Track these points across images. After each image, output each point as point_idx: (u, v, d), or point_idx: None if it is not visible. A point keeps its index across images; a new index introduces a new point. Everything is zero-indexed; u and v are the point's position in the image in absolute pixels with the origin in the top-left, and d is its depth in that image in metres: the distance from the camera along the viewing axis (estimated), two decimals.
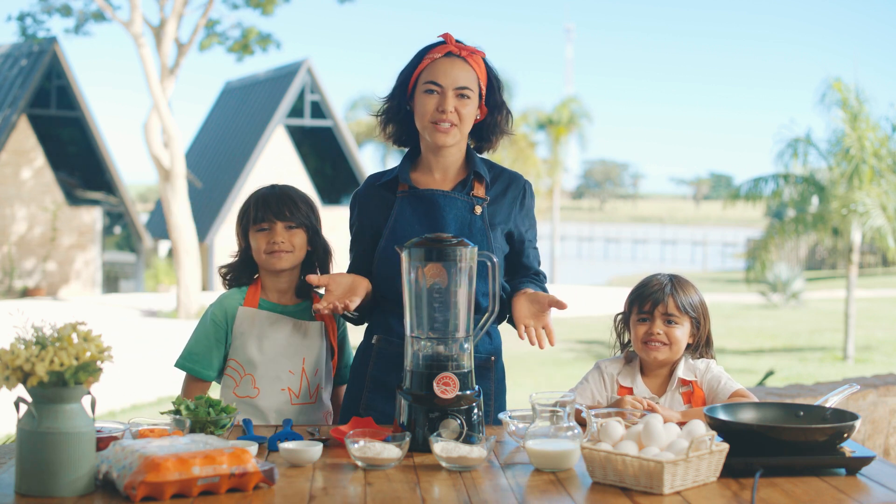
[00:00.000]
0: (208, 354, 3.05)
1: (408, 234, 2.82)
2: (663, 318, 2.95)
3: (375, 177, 3.07)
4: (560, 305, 2.80)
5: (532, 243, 3.08)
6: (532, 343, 2.83)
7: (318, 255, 3.10)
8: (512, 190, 3.03)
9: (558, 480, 2.32)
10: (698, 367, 2.98)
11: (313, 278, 2.87)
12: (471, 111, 2.91)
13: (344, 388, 3.16)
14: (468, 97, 2.90)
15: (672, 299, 2.96)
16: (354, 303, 2.85)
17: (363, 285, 2.92)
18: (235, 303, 3.07)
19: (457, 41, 2.94)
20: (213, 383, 3.12)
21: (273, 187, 3.10)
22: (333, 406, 3.17)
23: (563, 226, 60.69)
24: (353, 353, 3.12)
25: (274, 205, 3.03)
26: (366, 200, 3.04)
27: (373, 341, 2.99)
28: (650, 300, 2.97)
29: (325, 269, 3.13)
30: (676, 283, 3.00)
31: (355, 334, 3.12)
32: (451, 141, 2.92)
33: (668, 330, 2.95)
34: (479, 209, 2.96)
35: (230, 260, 3.17)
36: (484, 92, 2.96)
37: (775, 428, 2.40)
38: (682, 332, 2.96)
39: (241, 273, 3.12)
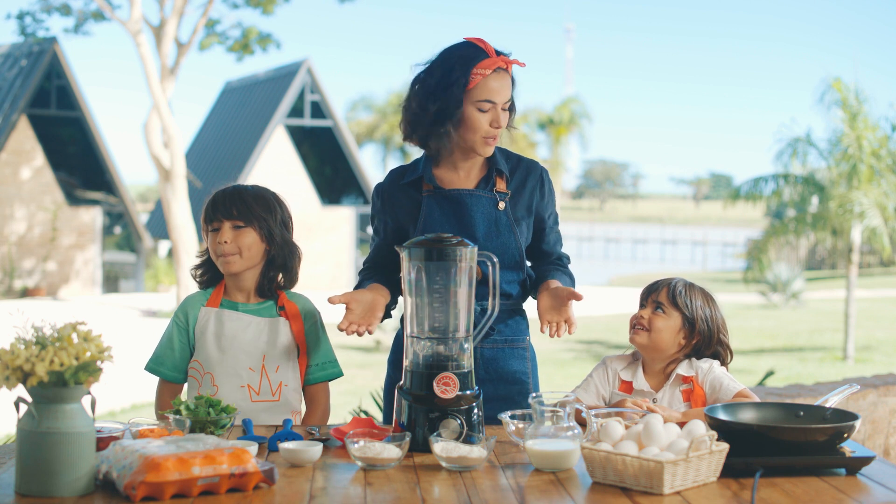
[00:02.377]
0: (173, 356, 3.05)
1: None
2: (653, 305, 3.00)
3: (398, 172, 3.09)
4: (576, 297, 2.88)
5: (554, 228, 3.16)
6: (551, 336, 2.93)
7: (279, 256, 3.02)
8: (531, 180, 3.08)
9: (558, 480, 2.32)
10: (701, 366, 2.98)
11: (334, 298, 2.82)
12: (507, 121, 3.00)
13: (324, 386, 3.10)
14: (507, 110, 2.98)
15: (667, 290, 2.99)
16: (374, 326, 2.85)
17: (382, 302, 2.93)
18: (198, 304, 3.06)
19: (497, 52, 2.93)
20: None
21: (231, 186, 3.06)
22: (312, 403, 3.11)
23: (563, 226, 60.53)
24: (330, 349, 3.10)
25: (222, 204, 2.99)
26: (392, 196, 3.06)
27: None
28: (650, 289, 3.04)
29: (290, 271, 3.06)
30: (684, 283, 3.02)
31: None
32: (492, 150, 2.99)
33: (653, 317, 2.97)
34: (502, 204, 3.00)
35: (197, 260, 3.13)
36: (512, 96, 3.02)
37: (775, 428, 2.40)
38: (666, 324, 2.96)
39: (210, 273, 3.10)
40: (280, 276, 3.06)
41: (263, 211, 3.00)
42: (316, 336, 3.07)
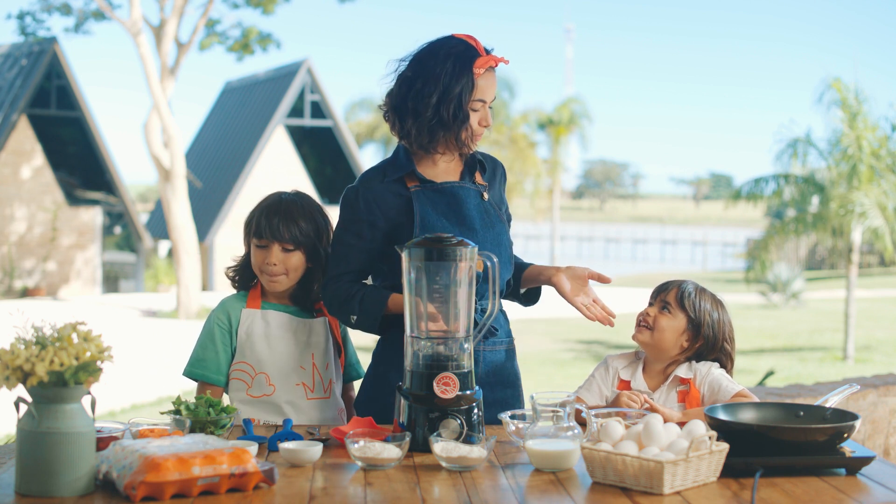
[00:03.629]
0: (216, 359, 3.03)
1: (437, 229, 2.87)
2: (660, 304, 3.00)
3: (378, 171, 2.98)
4: (603, 279, 2.91)
5: (509, 224, 3.11)
6: (597, 320, 2.91)
7: (317, 270, 3.04)
8: (497, 173, 3.11)
9: (558, 480, 2.32)
10: (699, 368, 2.98)
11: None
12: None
13: (353, 384, 3.18)
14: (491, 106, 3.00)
15: (676, 291, 2.99)
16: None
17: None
18: (239, 305, 3.06)
19: (487, 51, 2.92)
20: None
21: (280, 200, 3.03)
22: (345, 403, 3.16)
23: (563, 226, 60.71)
24: (354, 350, 3.15)
25: (276, 223, 2.97)
26: (377, 197, 2.93)
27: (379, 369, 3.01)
28: (661, 288, 3.04)
29: None
30: (695, 286, 3.02)
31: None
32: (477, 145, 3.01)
33: (659, 315, 2.97)
34: (486, 195, 3.01)
35: (234, 263, 3.15)
36: None
37: (775, 428, 2.40)
38: (670, 324, 2.96)
39: (246, 276, 3.11)
40: (316, 286, 3.06)
41: (314, 233, 3.01)
42: (348, 336, 3.16)
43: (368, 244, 2.93)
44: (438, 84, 2.84)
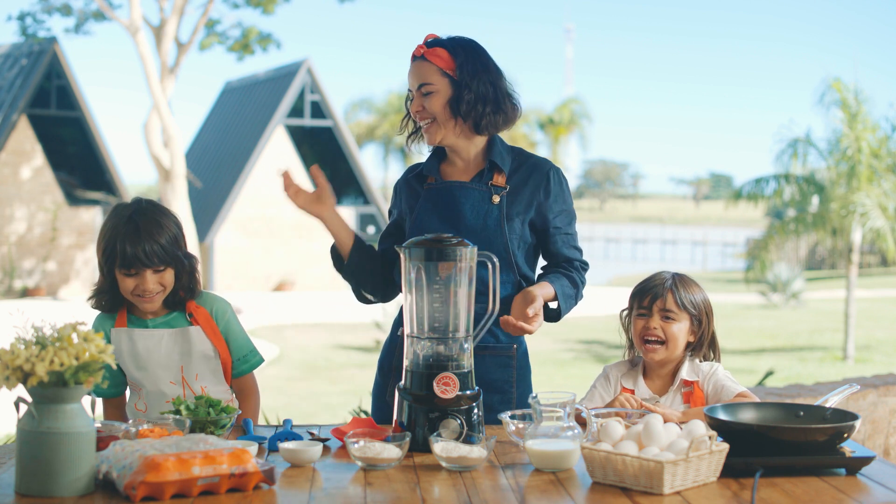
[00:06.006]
0: (109, 375, 3.00)
1: (427, 227, 2.94)
2: (661, 314, 2.96)
3: (413, 167, 3.17)
4: (524, 329, 2.81)
5: (561, 230, 3.04)
6: (506, 328, 2.82)
7: (182, 274, 2.97)
8: (534, 177, 3.02)
9: (558, 480, 2.32)
10: (703, 369, 2.98)
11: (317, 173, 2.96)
12: (436, 104, 2.95)
13: (251, 377, 3.10)
14: (431, 92, 2.96)
15: (671, 295, 2.96)
16: (300, 201, 2.95)
17: (340, 222, 3.00)
18: (107, 325, 3.01)
19: (426, 41, 3.00)
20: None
21: (136, 224, 2.88)
22: (243, 396, 3.09)
23: None
24: (247, 339, 3.08)
25: (142, 254, 2.86)
26: (401, 190, 3.15)
27: (399, 333, 3.00)
28: (650, 295, 2.98)
29: (192, 288, 3.00)
30: (678, 280, 3.00)
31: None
32: (437, 136, 2.98)
33: (665, 326, 2.95)
34: (496, 198, 2.97)
35: (94, 289, 3.01)
36: (456, 76, 2.95)
37: (775, 428, 2.40)
38: (680, 329, 2.96)
39: (113, 301, 2.99)
40: (182, 290, 2.99)
41: (174, 243, 2.94)
42: (233, 331, 3.05)
43: (393, 228, 3.16)
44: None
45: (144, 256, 2.86)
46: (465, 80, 2.94)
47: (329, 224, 2.99)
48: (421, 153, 3.15)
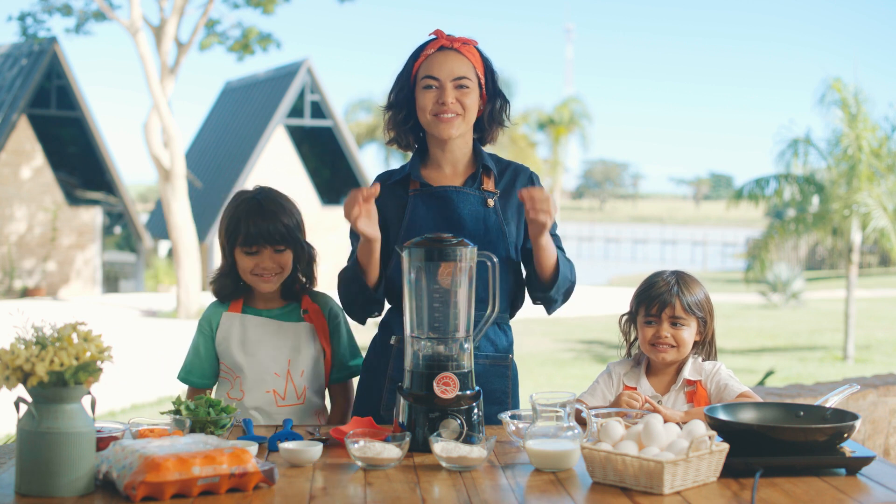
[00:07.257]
0: (201, 364, 3.08)
1: (423, 232, 2.83)
2: (670, 321, 2.97)
3: (385, 175, 3.08)
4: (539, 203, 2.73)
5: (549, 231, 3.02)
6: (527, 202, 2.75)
7: (302, 264, 3.07)
8: (519, 181, 3.05)
9: (558, 480, 2.32)
10: (706, 368, 2.98)
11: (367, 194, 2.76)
12: (473, 101, 2.94)
13: (347, 384, 3.15)
14: (467, 87, 2.93)
15: (679, 301, 2.96)
16: (363, 223, 2.76)
17: (378, 241, 2.86)
18: (220, 309, 3.08)
19: (448, 35, 2.97)
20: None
21: (259, 202, 2.99)
22: (336, 401, 3.16)
23: (563, 226, 60.54)
24: (353, 346, 3.13)
25: (265, 229, 2.95)
26: (379, 198, 2.93)
27: (391, 342, 2.97)
28: (657, 303, 2.98)
29: (310, 275, 3.11)
30: (682, 282, 3.00)
31: (365, 330, 3.10)
32: (456, 132, 2.94)
33: (676, 332, 2.96)
34: (491, 202, 2.97)
35: (216, 273, 3.11)
36: (483, 81, 2.98)
37: (775, 428, 2.40)
38: (689, 333, 2.98)
39: (232, 286, 3.08)
40: (303, 278, 3.09)
41: (296, 227, 3.03)
42: (341, 336, 3.12)
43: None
44: (396, 78, 3.02)
45: (267, 233, 2.95)
46: (491, 88, 3.00)
47: (377, 250, 2.89)
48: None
